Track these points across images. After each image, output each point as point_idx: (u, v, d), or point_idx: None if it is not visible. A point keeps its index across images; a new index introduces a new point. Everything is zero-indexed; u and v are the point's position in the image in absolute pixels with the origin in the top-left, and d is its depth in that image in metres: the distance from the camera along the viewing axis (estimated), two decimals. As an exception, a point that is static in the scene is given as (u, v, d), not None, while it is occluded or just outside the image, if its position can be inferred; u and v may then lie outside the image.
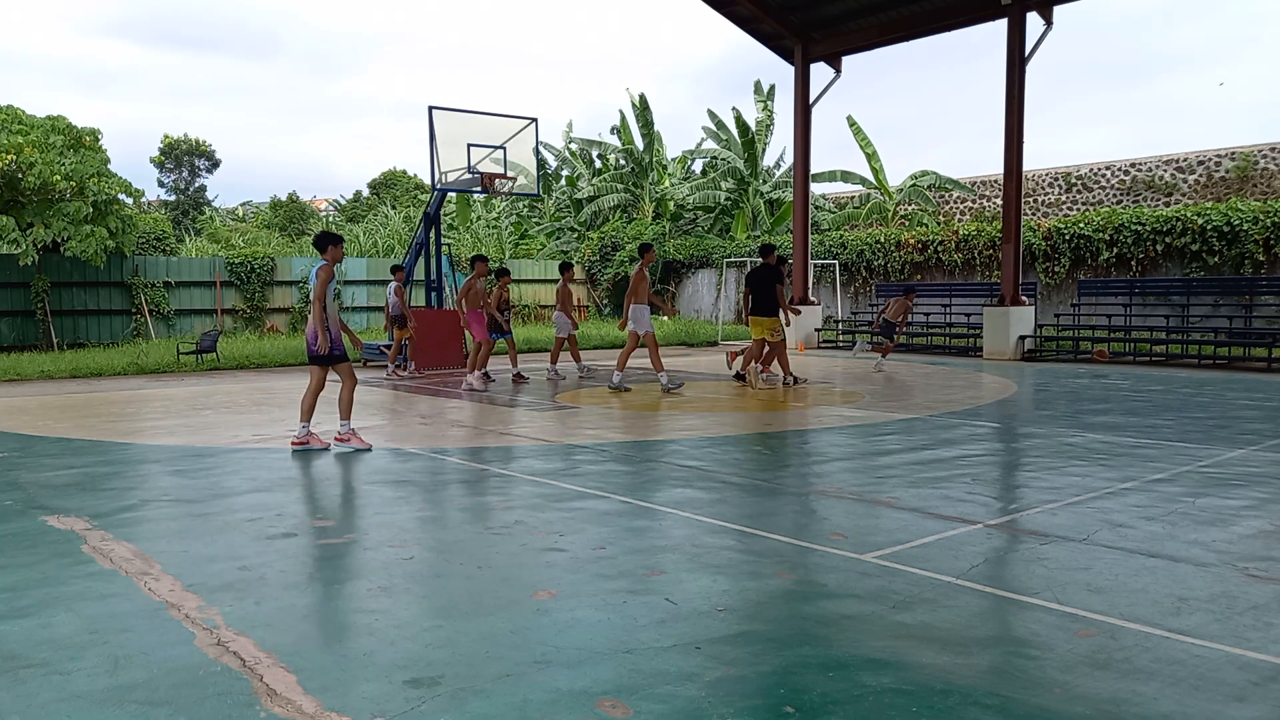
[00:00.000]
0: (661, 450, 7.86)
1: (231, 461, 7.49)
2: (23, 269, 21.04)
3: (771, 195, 31.82)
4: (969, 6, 18.92)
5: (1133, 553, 4.62)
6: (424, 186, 49.22)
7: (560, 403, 11.42)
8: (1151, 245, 19.50)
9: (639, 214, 33.62)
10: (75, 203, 20.26)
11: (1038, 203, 27.17)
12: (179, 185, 58.39)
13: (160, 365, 16.94)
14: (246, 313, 25.41)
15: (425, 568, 4.52)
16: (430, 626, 3.69)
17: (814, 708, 2.93)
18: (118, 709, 2.96)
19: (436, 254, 17.70)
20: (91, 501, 6.03)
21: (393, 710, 2.92)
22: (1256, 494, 5.93)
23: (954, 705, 2.93)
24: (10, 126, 20.01)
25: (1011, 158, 18.42)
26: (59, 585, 4.27)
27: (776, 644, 3.48)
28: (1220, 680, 3.11)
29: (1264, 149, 23.13)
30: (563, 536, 5.04)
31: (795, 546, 4.81)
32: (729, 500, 5.92)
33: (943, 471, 6.77)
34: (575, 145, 37.08)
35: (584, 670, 3.23)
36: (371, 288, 27.41)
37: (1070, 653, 3.36)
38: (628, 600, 3.97)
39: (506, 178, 17.24)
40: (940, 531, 5.06)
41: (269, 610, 3.88)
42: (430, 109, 16.37)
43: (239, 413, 10.61)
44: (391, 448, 8.11)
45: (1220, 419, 9.48)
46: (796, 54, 21.90)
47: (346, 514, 5.60)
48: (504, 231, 36.57)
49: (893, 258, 24.60)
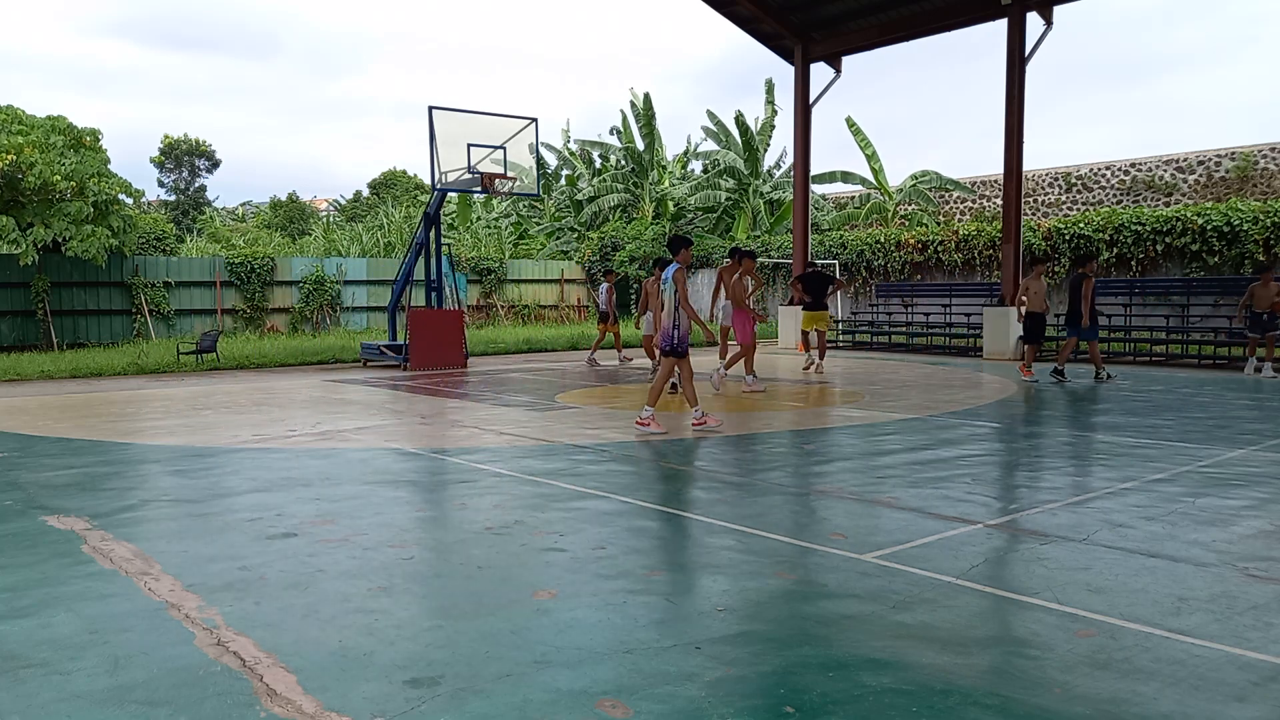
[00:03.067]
0: (662, 450, 7.86)
1: (231, 461, 7.49)
2: (23, 269, 21.04)
3: (772, 195, 31.83)
4: (969, 6, 18.93)
5: (1133, 553, 4.62)
6: (424, 186, 49.24)
7: (561, 403, 11.41)
8: (1151, 245, 19.50)
9: (639, 214, 33.63)
10: (76, 203, 20.27)
11: (1038, 203, 27.17)
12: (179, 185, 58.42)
13: (160, 365, 16.93)
14: (246, 313, 25.42)
15: (425, 568, 4.52)
16: (430, 626, 3.69)
17: (814, 708, 2.93)
18: (118, 709, 2.96)
19: (436, 254, 17.70)
20: (91, 501, 6.03)
21: (393, 710, 2.92)
22: (1256, 494, 5.93)
23: (954, 705, 2.93)
24: (10, 127, 20.01)
25: (1011, 158, 18.43)
26: (59, 585, 4.27)
27: (776, 644, 3.48)
28: (1220, 680, 3.11)
29: (1264, 149, 23.13)
30: (563, 536, 5.04)
31: (795, 546, 4.81)
32: (729, 500, 5.92)
33: (943, 471, 6.77)
34: (575, 145, 37.10)
35: (584, 670, 3.23)
36: (372, 288, 27.42)
37: (1070, 653, 3.36)
38: (628, 600, 3.96)
39: (506, 178, 17.24)
40: (940, 531, 5.06)
41: (269, 610, 3.88)
42: (430, 109, 16.38)
43: (239, 413, 10.61)
44: (392, 448, 8.11)
45: (1220, 419, 9.48)
46: (796, 54, 21.91)
47: (346, 514, 5.60)
48: (504, 231, 36.58)
49: (893, 258, 24.61)
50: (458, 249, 30.00)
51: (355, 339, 22.20)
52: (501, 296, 30.38)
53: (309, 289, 26.35)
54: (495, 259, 30.74)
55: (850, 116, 27.69)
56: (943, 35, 20.30)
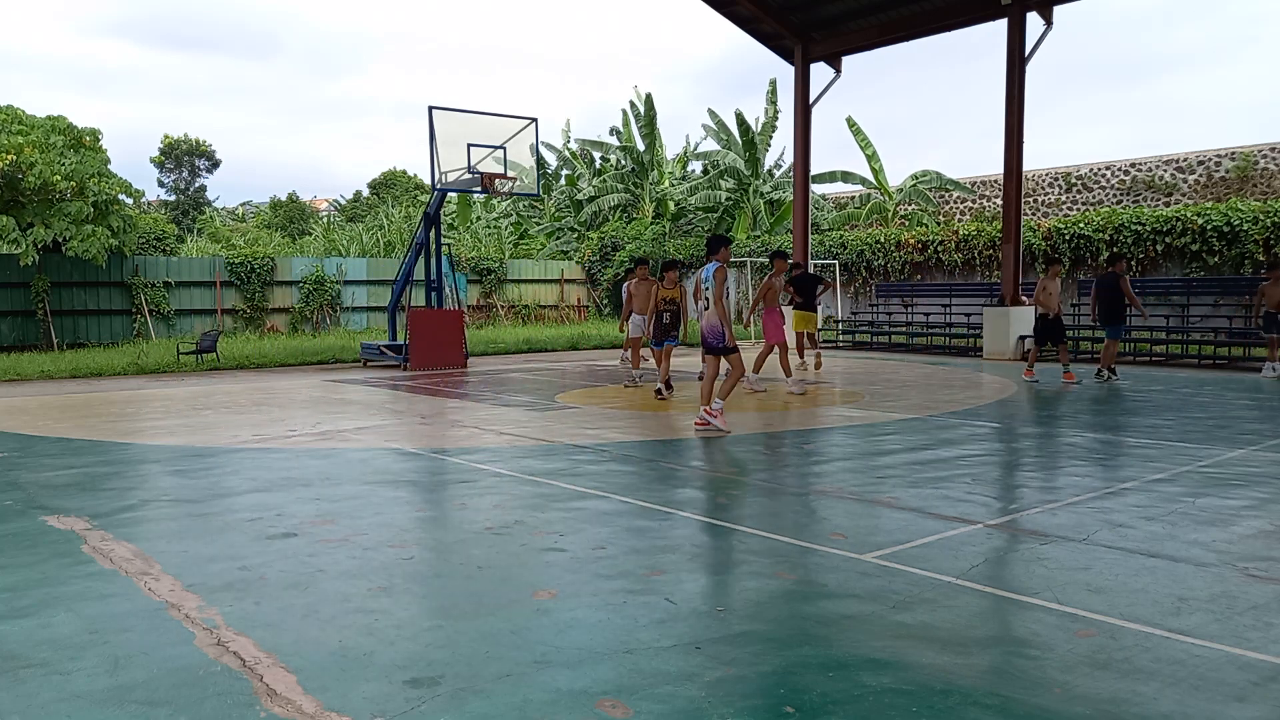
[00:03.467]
0: (662, 450, 7.86)
1: (231, 461, 7.49)
2: (23, 269, 21.05)
3: (772, 195, 31.82)
4: (969, 6, 18.92)
5: (1133, 553, 4.62)
6: (424, 186, 49.23)
7: (561, 403, 11.41)
8: (1151, 245, 19.50)
9: (639, 214, 33.63)
10: (76, 203, 20.27)
11: (1038, 203, 27.17)
12: (179, 185, 58.42)
13: (160, 365, 16.94)
14: (246, 313, 25.42)
15: (425, 568, 4.52)
16: (430, 626, 3.69)
17: (814, 708, 2.93)
18: (118, 709, 2.96)
19: (436, 254, 17.70)
20: (91, 501, 6.03)
21: (393, 710, 2.92)
22: (1256, 494, 5.93)
23: (954, 705, 2.93)
24: (10, 127, 20.01)
25: (1011, 158, 18.42)
26: (59, 585, 4.27)
27: (776, 644, 3.48)
28: (1220, 680, 3.11)
29: (1264, 149, 23.13)
30: (563, 536, 5.04)
31: (795, 546, 4.81)
32: (729, 500, 5.92)
33: (943, 471, 6.77)
34: (575, 145, 37.09)
35: (584, 670, 3.23)
36: (372, 288, 27.41)
37: (1070, 653, 3.36)
38: (628, 600, 3.96)
39: (506, 178, 17.24)
40: (940, 531, 5.06)
41: (269, 610, 3.88)
42: (430, 109, 16.38)
43: (239, 413, 10.61)
44: (392, 448, 8.11)
45: (1220, 419, 9.48)
46: (796, 54, 21.90)
47: (346, 514, 5.60)
48: (504, 231, 36.58)
49: (893, 258, 24.60)
50: (458, 249, 30.00)
51: (355, 339, 22.20)
52: (501, 296, 30.38)
53: (309, 289, 26.35)
54: (495, 259, 30.73)
55: (851, 116, 27.69)
56: (943, 35, 20.30)
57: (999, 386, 12.97)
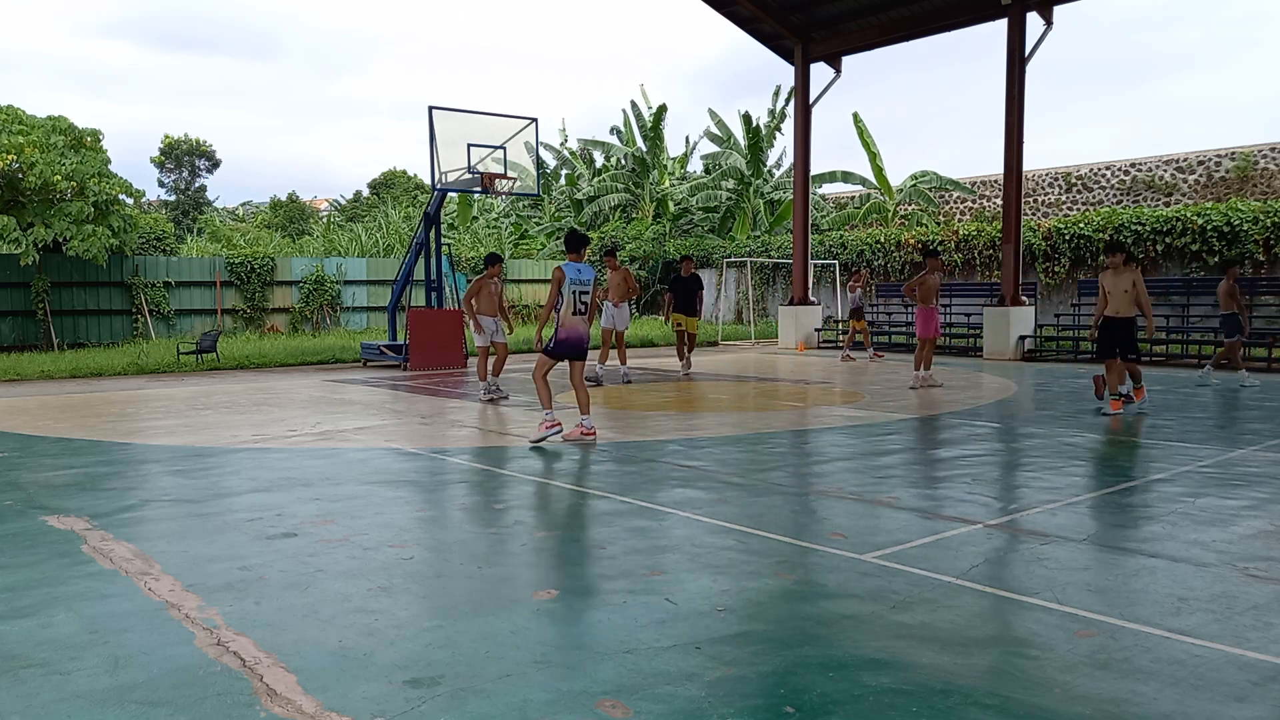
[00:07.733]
0: (661, 450, 7.86)
1: (231, 461, 7.49)
2: (23, 269, 21.04)
3: (772, 195, 31.83)
4: (969, 6, 18.92)
5: (1133, 553, 4.62)
6: (424, 186, 49.21)
7: (561, 402, 11.40)
8: (1151, 245, 19.50)
9: (639, 214, 33.63)
10: (76, 203, 20.26)
11: (1038, 203, 27.17)
12: (179, 185, 58.40)
13: (160, 365, 16.94)
14: (247, 313, 25.41)
15: (425, 568, 4.52)
16: (430, 626, 3.69)
17: (814, 708, 2.93)
18: (118, 709, 2.96)
19: (436, 254, 17.70)
20: (91, 501, 6.03)
21: (393, 710, 2.92)
22: (1256, 494, 5.93)
23: (954, 705, 2.93)
24: (11, 127, 20.00)
25: (1011, 158, 18.42)
26: (59, 585, 4.27)
27: (776, 644, 3.48)
28: (1220, 680, 3.11)
29: (1264, 149, 23.13)
30: (562, 536, 5.04)
31: (795, 546, 4.81)
32: (729, 500, 5.92)
33: (943, 471, 6.77)
34: (576, 145, 37.09)
35: (584, 670, 3.23)
36: (371, 288, 27.41)
37: (1070, 653, 3.36)
38: (628, 600, 3.96)
39: (506, 178, 17.24)
40: (940, 531, 5.06)
41: (269, 610, 3.88)
42: (430, 109, 16.37)
43: (239, 413, 10.61)
44: (392, 448, 8.11)
45: (1220, 419, 9.48)
46: (796, 54, 21.91)
47: (346, 514, 5.60)
48: (504, 231, 36.57)
49: (893, 258, 24.61)
50: (458, 249, 30.00)
51: (355, 339, 22.19)
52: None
53: (309, 289, 26.34)
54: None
55: (857, 113, 27.64)
56: (943, 35, 20.31)
57: (999, 386, 12.97)
